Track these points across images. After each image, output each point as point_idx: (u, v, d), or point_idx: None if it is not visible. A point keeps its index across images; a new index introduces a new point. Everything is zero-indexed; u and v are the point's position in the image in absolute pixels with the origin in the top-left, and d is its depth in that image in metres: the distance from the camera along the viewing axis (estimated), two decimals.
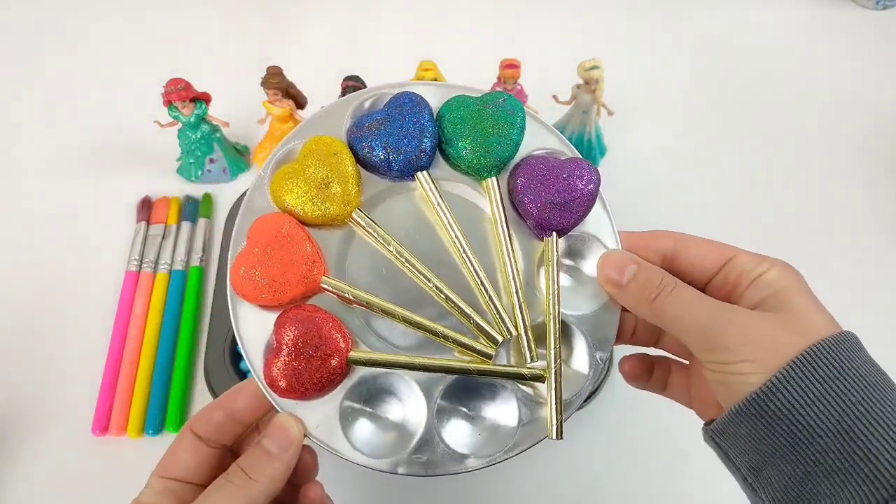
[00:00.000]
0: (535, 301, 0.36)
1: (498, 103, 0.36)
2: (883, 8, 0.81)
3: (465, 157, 0.36)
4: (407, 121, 0.35)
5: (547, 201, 0.35)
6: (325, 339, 0.33)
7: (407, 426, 0.34)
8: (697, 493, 0.52)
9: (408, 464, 0.33)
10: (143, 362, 0.55)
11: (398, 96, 0.36)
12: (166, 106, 0.60)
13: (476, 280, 0.35)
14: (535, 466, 0.52)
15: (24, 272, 0.61)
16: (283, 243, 0.34)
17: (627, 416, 0.55)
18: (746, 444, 0.30)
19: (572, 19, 0.81)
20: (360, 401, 0.34)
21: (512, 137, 0.36)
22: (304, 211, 0.35)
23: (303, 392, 0.33)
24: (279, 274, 0.33)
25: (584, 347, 0.35)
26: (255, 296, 0.34)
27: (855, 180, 0.68)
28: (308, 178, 0.35)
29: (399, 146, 0.35)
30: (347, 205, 0.35)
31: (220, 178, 0.66)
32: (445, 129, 0.36)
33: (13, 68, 0.76)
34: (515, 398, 0.35)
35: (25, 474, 0.51)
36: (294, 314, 0.33)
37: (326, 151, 0.35)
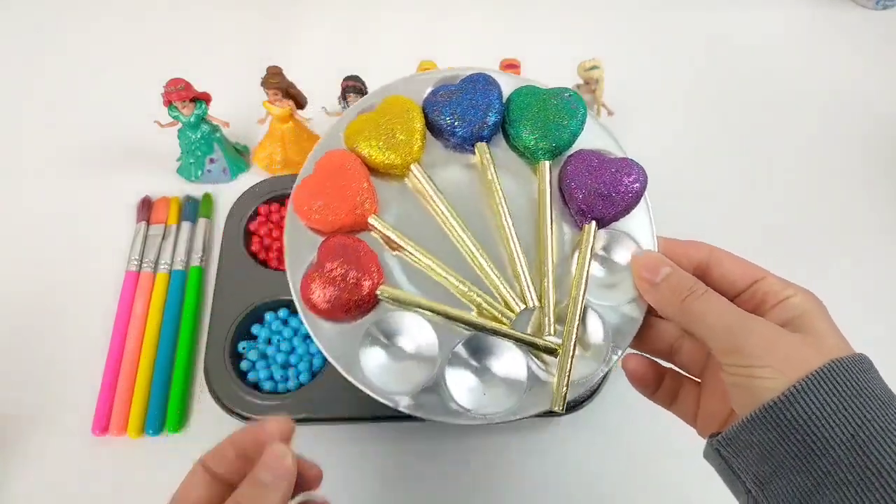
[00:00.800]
0: (564, 284, 0.38)
1: (563, 97, 0.39)
2: (883, 8, 0.81)
3: (524, 137, 0.39)
4: (477, 95, 0.39)
5: (593, 190, 0.37)
6: (362, 267, 0.36)
7: (418, 369, 0.36)
8: (697, 493, 0.52)
9: (410, 404, 0.35)
10: (144, 362, 0.55)
11: (474, 74, 0.40)
12: (166, 106, 0.60)
13: (513, 251, 0.37)
14: (535, 466, 0.53)
15: (24, 272, 0.61)
16: (344, 176, 0.38)
17: (627, 417, 0.55)
18: (756, 453, 0.30)
19: (572, 19, 0.81)
20: (379, 335, 0.36)
21: (571, 128, 0.39)
22: (370, 154, 0.38)
23: (331, 310, 0.36)
24: (334, 201, 0.37)
25: (601, 336, 0.37)
26: (308, 215, 0.37)
27: (855, 180, 0.68)
28: (379, 126, 0.38)
29: (465, 115, 0.39)
30: (408, 156, 0.38)
31: (220, 178, 0.66)
32: (512, 111, 0.39)
33: (13, 68, 0.76)
34: (526, 368, 0.36)
35: (25, 474, 0.52)
36: (338, 238, 0.37)
37: (401, 108, 0.39)
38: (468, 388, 0.36)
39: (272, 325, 0.56)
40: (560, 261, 0.38)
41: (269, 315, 0.56)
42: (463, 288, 0.37)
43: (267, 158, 0.65)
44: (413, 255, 0.37)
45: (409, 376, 0.36)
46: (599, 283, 0.38)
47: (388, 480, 0.52)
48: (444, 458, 0.53)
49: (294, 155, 0.64)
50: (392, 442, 0.53)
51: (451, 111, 0.39)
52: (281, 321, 0.56)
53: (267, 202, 0.63)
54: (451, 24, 0.80)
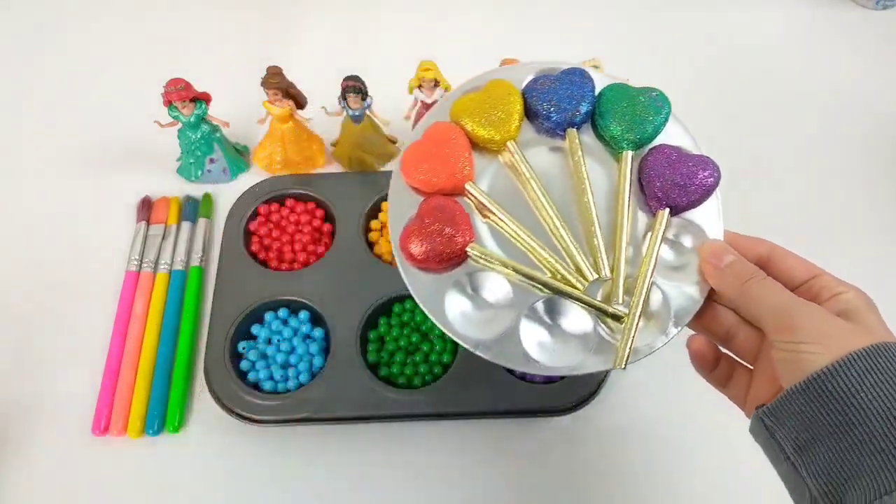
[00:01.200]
0: (634, 262, 0.41)
1: (651, 95, 0.43)
2: (883, 8, 0.81)
3: (612, 128, 0.43)
4: (573, 86, 0.43)
5: (670, 180, 0.41)
6: (456, 225, 0.40)
7: (495, 321, 0.40)
8: (697, 492, 0.52)
9: (484, 348, 0.39)
10: (144, 362, 0.55)
11: (572, 68, 0.45)
12: (166, 106, 0.60)
13: (593, 224, 0.41)
14: (535, 465, 0.53)
15: (24, 272, 0.61)
16: (449, 144, 0.42)
17: (627, 417, 0.55)
18: (798, 422, 0.33)
19: (572, 19, 0.81)
20: (465, 286, 0.41)
21: (655, 123, 0.43)
22: (473, 129, 0.43)
23: (425, 260, 0.40)
24: (437, 165, 0.41)
25: (664, 310, 0.40)
26: (413, 176, 0.42)
27: (855, 180, 0.68)
28: (482, 104, 0.43)
29: (561, 103, 0.43)
30: (506, 133, 0.43)
31: (220, 178, 0.66)
32: (602, 103, 0.43)
33: (13, 68, 0.76)
34: (593, 330, 0.40)
35: (26, 474, 0.52)
36: (438, 198, 0.41)
37: (503, 91, 0.43)
38: (539, 343, 0.40)
39: (272, 325, 0.56)
40: (632, 241, 0.42)
41: (269, 315, 0.56)
42: (544, 254, 0.41)
43: (267, 158, 0.65)
44: (501, 221, 0.42)
45: (486, 326, 0.40)
46: (667, 264, 0.41)
47: (388, 480, 0.52)
48: (445, 457, 0.53)
49: (294, 155, 0.64)
50: (392, 442, 0.53)
51: (549, 98, 0.43)
52: (281, 321, 0.56)
53: (267, 202, 0.63)
54: (451, 24, 0.80)
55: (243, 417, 0.52)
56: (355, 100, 0.59)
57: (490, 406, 0.52)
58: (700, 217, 0.42)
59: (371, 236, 0.62)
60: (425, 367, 0.54)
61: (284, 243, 0.60)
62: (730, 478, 0.53)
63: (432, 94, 0.60)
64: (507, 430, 0.54)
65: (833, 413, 0.31)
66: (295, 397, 0.53)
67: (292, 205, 0.63)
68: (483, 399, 0.52)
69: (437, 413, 0.52)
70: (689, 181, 0.41)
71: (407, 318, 0.56)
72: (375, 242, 0.61)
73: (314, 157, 0.66)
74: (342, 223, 0.61)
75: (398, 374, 0.54)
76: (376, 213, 0.63)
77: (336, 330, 0.55)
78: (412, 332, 0.56)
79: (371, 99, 0.60)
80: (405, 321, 0.56)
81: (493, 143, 0.43)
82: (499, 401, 0.52)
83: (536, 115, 0.44)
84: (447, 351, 0.55)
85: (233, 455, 0.53)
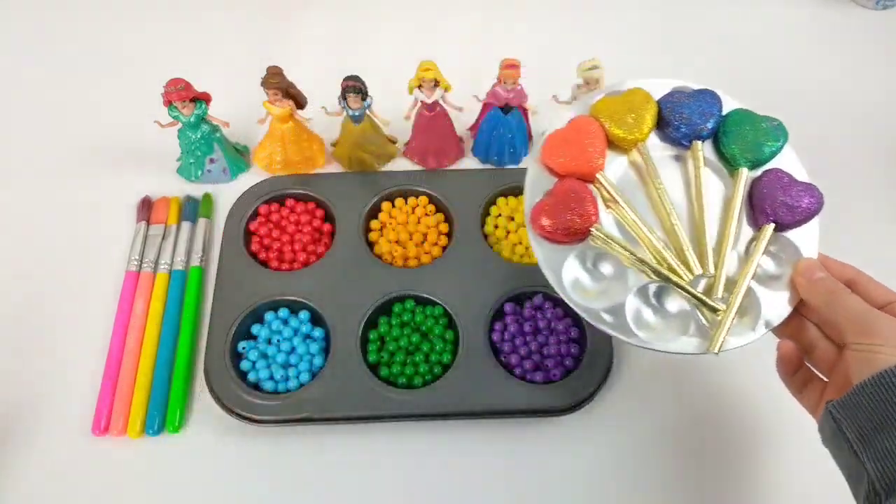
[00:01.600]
0: (735, 265, 0.46)
1: (772, 124, 0.49)
2: (883, 8, 0.81)
3: (733, 146, 0.48)
4: (704, 104, 0.49)
5: (779, 200, 0.47)
6: (584, 203, 0.46)
7: (607, 293, 0.46)
8: (696, 491, 0.52)
9: (592, 314, 0.45)
10: (144, 362, 0.55)
11: (705, 89, 0.50)
12: (166, 106, 0.60)
13: (703, 226, 0.46)
14: (534, 465, 0.53)
15: (24, 272, 0.61)
16: (588, 136, 0.48)
17: (627, 417, 0.55)
18: (864, 414, 0.37)
19: (572, 19, 0.81)
20: (586, 260, 0.47)
21: (772, 149, 0.48)
22: (609, 127, 0.48)
23: (552, 231, 0.45)
24: (576, 152, 0.47)
25: (756, 310, 0.45)
26: (552, 160, 0.48)
27: (854, 180, 0.68)
28: (621, 106, 0.49)
29: (692, 117, 0.49)
30: (637, 135, 0.48)
31: (220, 178, 0.66)
32: (727, 124, 0.49)
33: (13, 68, 0.76)
34: (692, 319, 0.45)
35: (26, 474, 0.52)
36: (572, 181, 0.47)
37: (641, 98, 0.49)
38: (642, 320, 0.46)
39: (272, 325, 0.56)
40: (735, 247, 0.47)
41: (270, 315, 0.57)
42: (657, 245, 0.46)
43: (267, 158, 0.65)
44: (623, 210, 0.47)
45: (597, 297, 0.46)
46: (764, 273, 0.46)
47: (388, 479, 0.52)
48: (444, 457, 0.53)
49: (294, 155, 0.64)
50: (392, 441, 0.53)
51: (681, 111, 0.49)
52: (281, 321, 0.56)
53: (267, 202, 0.63)
54: (451, 24, 0.80)
55: (243, 417, 0.52)
56: (355, 100, 0.59)
57: (490, 406, 0.52)
58: (798, 237, 0.47)
59: (371, 236, 0.62)
60: (425, 367, 0.54)
61: (284, 243, 0.60)
62: (729, 477, 0.53)
63: (432, 94, 0.60)
64: (507, 430, 0.54)
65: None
66: (295, 397, 0.53)
67: (292, 205, 0.63)
68: (483, 399, 0.52)
69: (438, 413, 0.52)
70: (796, 203, 0.46)
71: (407, 318, 0.56)
72: (375, 242, 0.61)
73: (314, 158, 0.66)
74: (342, 223, 0.61)
75: (398, 374, 0.54)
76: (376, 213, 0.63)
77: (336, 330, 0.55)
78: (412, 332, 0.56)
79: (371, 99, 0.60)
80: (405, 321, 0.56)
81: (624, 143, 0.49)
82: (499, 401, 0.52)
83: (668, 124, 0.49)
84: (447, 351, 0.55)
85: (233, 455, 0.53)
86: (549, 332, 0.56)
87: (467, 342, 0.54)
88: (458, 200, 0.62)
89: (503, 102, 0.61)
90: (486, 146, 0.65)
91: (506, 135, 0.63)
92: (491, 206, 0.63)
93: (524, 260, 0.60)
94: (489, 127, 0.64)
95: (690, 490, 0.52)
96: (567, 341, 0.56)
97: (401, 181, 0.64)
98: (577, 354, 0.55)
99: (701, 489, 0.52)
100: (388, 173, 0.66)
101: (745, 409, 0.56)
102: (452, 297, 0.56)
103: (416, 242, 0.61)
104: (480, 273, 0.58)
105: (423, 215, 0.62)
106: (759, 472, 0.53)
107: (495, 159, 0.66)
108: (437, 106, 0.62)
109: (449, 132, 0.65)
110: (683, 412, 0.55)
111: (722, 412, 0.56)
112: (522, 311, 0.57)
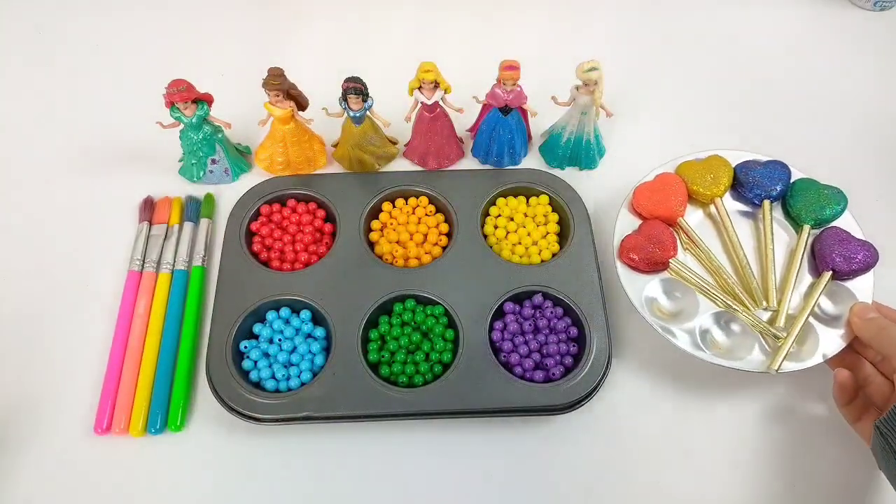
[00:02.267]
0: (794, 304, 0.56)
1: (833, 191, 0.59)
2: (881, 9, 0.82)
3: (799, 208, 0.59)
4: (775, 171, 0.60)
5: (837, 252, 0.55)
6: (665, 241, 0.56)
7: (681, 315, 0.55)
8: (696, 491, 0.52)
9: (664, 329, 0.53)
10: (146, 362, 0.56)
11: (776, 160, 0.61)
12: (168, 107, 0.60)
13: (769, 269, 0.56)
14: (534, 465, 0.53)
15: (27, 272, 0.61)
16: (673, 187, 0.59)
17: (626, 417, 0.55)
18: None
19: (572, 20, 0.81)
20: (663, 290, 0.56)
21: (834, 211, 0.58)
22: (690, 183, 0.60)
23: (637, 262, 0.56)
24: (662, 198, 0.59)
25: (814, 341, 0.53)
26: (641, 206, 0.59)
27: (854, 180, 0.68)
28: (701, 169, 0.61)
29: (763, 181, 0.60)
30: (715, 192, 0.60)
31: (222, 178, 0.66)
32: (795, 188, 0.60)
33: (14, 69, 0.76)
34: (754, 342, 0.53)
35: (28, 474, 0.52)
36: (656, 222, 0.58)
37: (720, 163, 0.61)
38: (711, 340, 0.54)
39: (274, 325, 0.56)
40: (797, 288, 0.56)
41: (271, 314, 0.57)
42: (729, 282, 0.56)
43: (268, 159, 0.65)
44: (699, 252, 0.58)
45: (673, 318, 0.55)
46: (824, 313, 0.55)
47: (388, 478, 0.52)
48: (445, 456, 0.53)
49: (295, 156, 0.65)
50: (392, 440, 0.54)
51: (754, 175, 0.60)
52: (283, 320, 0.57)
53: (268, 202, 0.63)
54: (451, 24, 0.80)
55: (245, 416, 0.52)
56: (356, 101, 0.59)
57: (490, 404, 0.52)
58: (856, 286, 0.55)
59: (372, 236, 0.62)
60: (426, 366, 0.54)
61: (286, 243, 0.61)
62: (729, 477, 0.53)
63: (432, 95, 0.60)
64: (508, 429, 0.54)
65: None
66: (296, 396, 0.53)
67: (293, 205, 0.63)
68: (483, 398, 0.52)
69: (438, 412, 0.53)
70: (853, 255, 0.55)
71: (408, 317, 0.56)
72: (376, 242, 0.62)
73: (315, 158, 0.66)
74: (343, 223, 0.61)
75: (399, 373, 0.54)
76: (377, 214, 0.63)
77: (337, 329, 0.55)
78: (413, 331, 0.56)
79: (372, 100, 0.60)
80: (406, 320, 0.56)
81: (702, 197, 0.60)
82: (499, 399, 0.52)
83: (742, 184, 0.60)
84: (447, 350, 0.55)
85: (235, 453, 0.53)
86: (548, 332, 0.56)
87: (467, 341, 0.55)
88: (458, 201, 0.62)
89: (503, 103, 0.62)
90: (486, 147, 0.66)
91: (505, 136, 0.64)
92: (491, 207, 0.63)
93: (524, 260, 0.60)
94: (489, 128, 0.64)
95: (690, 489, 0.52)
96: (567, 340, 0.56)
97: (401, 182, 0.64)
98: (576, 353, 0.55)
99: (701, 488, 0.53)
100: (389, 174, 0.66)
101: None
102: (453, 297, 0.57)
103: (416, 242, 0.61)
104: (480, 273, 0.58)
105: (424, 215, 0.63)
106: (759, 470, 0.53)
107: (495, 160, 0.66)
108: (437, 107, 0.62)
109: (449, 133, 0.65)
110: (682, 411, 0.55)
111: (721, 411, 0.56)
112: (522, 310, 0.57)
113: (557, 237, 0.62)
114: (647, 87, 0.75)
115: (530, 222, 0.62)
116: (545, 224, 0.63)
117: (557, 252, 0.61)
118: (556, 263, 0.59)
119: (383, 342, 0.56)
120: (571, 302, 0.56)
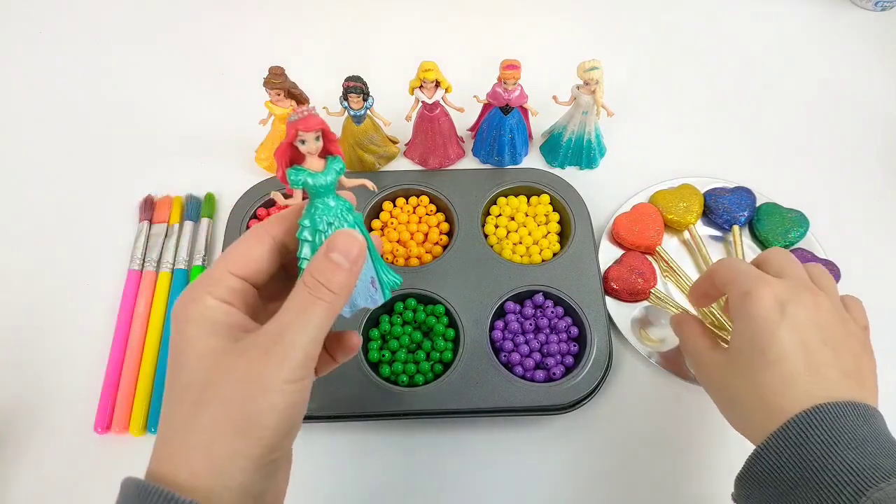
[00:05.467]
0: None
1: (795, 215, 0.63)
2: (881, 9, 0.82)
3: (765, 231, 0.62)
4: (742, 198, 0.63)
5: None
6: (645, 272, 0.59)
7: (667, 341, 0.58)
8: (695, 491, 0.52)
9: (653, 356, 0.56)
10: (146, 360, 0.55)
11: (742, 187, 0.64)
12: (293, 140, 0.57)
13: None
14: (533, 465, 0.53)
15: (27, 270, 0.61)
16: (649, 218, 0.62)
17: (626, 417, 0.55)
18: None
19: (572, 20, 0.81)
20: (646, 315, 0.59)
21: (797, 233, 0.62)
22: (664, 212, 0.63)
23: (619, 292, 0.58)
24: (641, 229, 0.61)
25: None
26: (621, 235, 0.61)
27: (854, 181, 0.68)
28: (673, 197, 0.63)
29: (731, 207, 0.63)
30: (688, 220, 0.63)
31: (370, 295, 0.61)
32: (761, 213, 0.63)
33: (14, 67, 0.76)
34: None
35: (28, 473, 0.52)
36: (635, 253, 0.61)
37: (690, 192, 0.64)
38: None
39: None
40: None
41: None
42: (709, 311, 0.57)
43: (269, 159, 0.65)
44: (677, 278, 0.60)
45: (660, 343, 0.58)
46: None
47: (388, 478, 0.52)
48: (444, 455, 0.53)
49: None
50: (393, 439, 0.54)
51: (724, 202, 0.63)
52: None
53: (268, 203, 0.63)
54: (451, 24, 0.80)
55: None
56: (357, 100, 0.59)
57: (490, 404, 0.52)
58: None
59: None
60: (427, 365, 0.54)
61: None
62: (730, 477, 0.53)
63: (433, 94, 0.60)
64: (508, 428, 0.54)
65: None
66: None
67: None
68: (484, 397, 0.52)
69: (439, 411, 0.53)
70: None
71: (409, 316, 0.56)
72: None
73: None
74: None
75: (400, 373, 0.54)
76: (378, 213, 0.63)
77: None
78: (414, 330, 0.56)
79: (372, 99, 0.60)
80: (407, 319, 0.56)
81: (677, 225, 0.63)
82: (500, 399, 0.52)
83: (712, 211, 0.64)
84: (448, 349, 0.55)
85: None
86: (549, 331, 0.56)
87: (468, 341, 0.55)
88: (459, 200, 0.62)
89: (503, 103, 0.62)
90: (487, 146, 0.66)
91: (506, 135, 0.64)
92: (491, 206, 0.63)
93: (525, 259, 0.60)
94: (489, 127, 0.64)
95: (690, 488, 0.52)
96: (567, 340, 0.56)
97: (402, 181, 0.64)
98: (577, 353, 0.55)
99: (701, 487, 0.52)
100: (390, 173, 0.66)
101: None
102: (454, 296, 0.57)
103: (417, 242, 0.61)
104: (481, 272, 0.58)
105: (425, 215, 0.63)
106: None
107: (496, 159, 0.66)
108: (437, 106, 0.62)
109: (450, 132, 0.65)
110: (683, 410, 0.55)
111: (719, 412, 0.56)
112: (523, 309, 0.57)
113: (558, 237, 0.62)
114: (648, 86, 0.75)
115: (531, 222, 0.62)
116: (546, 223, 0.63)
117: (558, 251, 0.61)
118: (557, 263, 0.59)
119: (384, 341, 0.56)
120: (572, 301, 0.56)
